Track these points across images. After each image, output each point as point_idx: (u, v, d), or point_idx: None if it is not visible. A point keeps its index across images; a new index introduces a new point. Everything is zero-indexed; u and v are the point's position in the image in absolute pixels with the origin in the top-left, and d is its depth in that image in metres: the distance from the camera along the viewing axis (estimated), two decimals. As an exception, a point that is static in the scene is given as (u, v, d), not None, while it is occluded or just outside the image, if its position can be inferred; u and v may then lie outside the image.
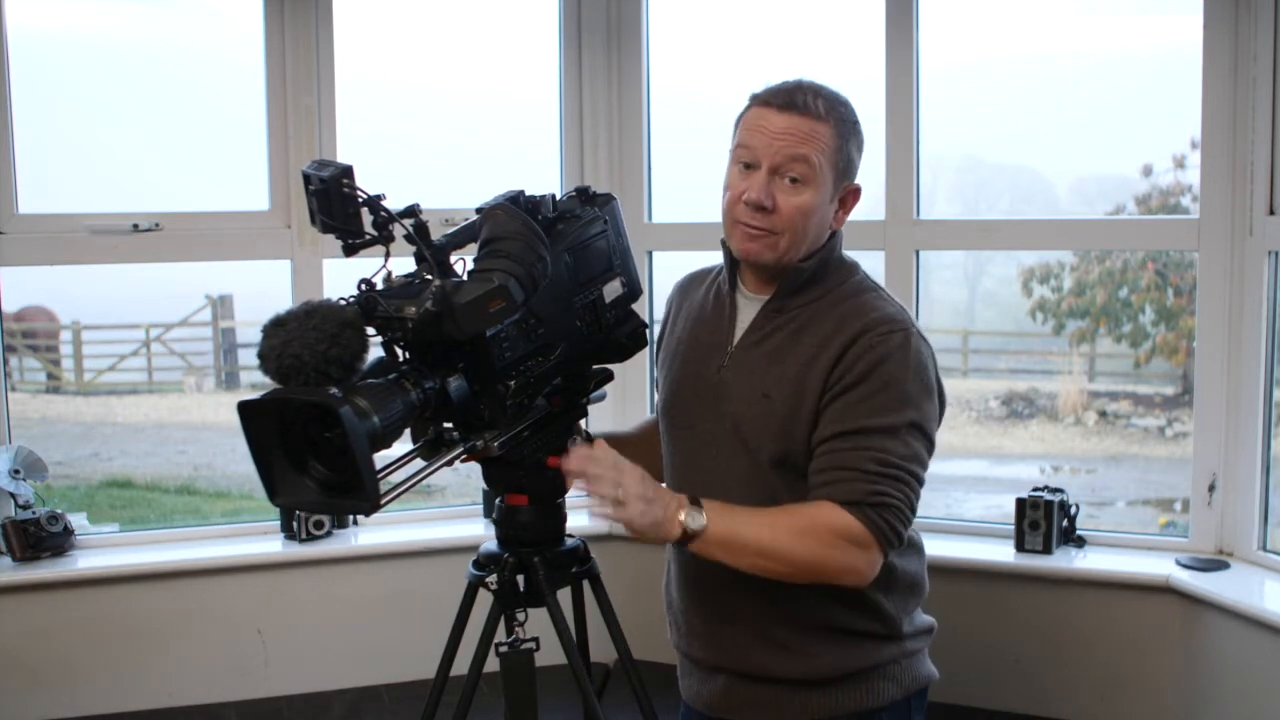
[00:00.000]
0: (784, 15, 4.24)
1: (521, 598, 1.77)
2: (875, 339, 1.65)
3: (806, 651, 1.72)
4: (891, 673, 1.76)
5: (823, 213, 1.70)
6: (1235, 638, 2.53)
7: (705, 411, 1.77)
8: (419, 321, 1.51)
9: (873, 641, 1.74)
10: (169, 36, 6.68)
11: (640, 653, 1.86)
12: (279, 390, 1.47)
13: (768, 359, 1.72)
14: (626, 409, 3.32)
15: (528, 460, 1.71)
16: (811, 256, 1.72)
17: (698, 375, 1.79)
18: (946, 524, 3.11)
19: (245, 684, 3.04)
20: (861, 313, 1.69)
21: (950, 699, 2.87)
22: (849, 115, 1.71)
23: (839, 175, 1.70)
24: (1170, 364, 11.61)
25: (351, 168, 1.49)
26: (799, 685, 1.74)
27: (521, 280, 1.55)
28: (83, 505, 8.48)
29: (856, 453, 1.62)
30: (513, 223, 1.60)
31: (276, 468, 1.49)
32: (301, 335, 1.46)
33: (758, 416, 1.70)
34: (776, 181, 1.66)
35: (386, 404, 1.49)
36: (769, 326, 1.74)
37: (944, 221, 3.10)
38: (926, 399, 1.67)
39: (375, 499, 1.46)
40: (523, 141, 3.81)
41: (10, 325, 6.20)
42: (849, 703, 1.73)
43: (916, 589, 1.80)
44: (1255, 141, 2.66)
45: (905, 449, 1.63)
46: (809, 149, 1.65)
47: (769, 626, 1.73)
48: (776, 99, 1.67)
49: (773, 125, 1.66)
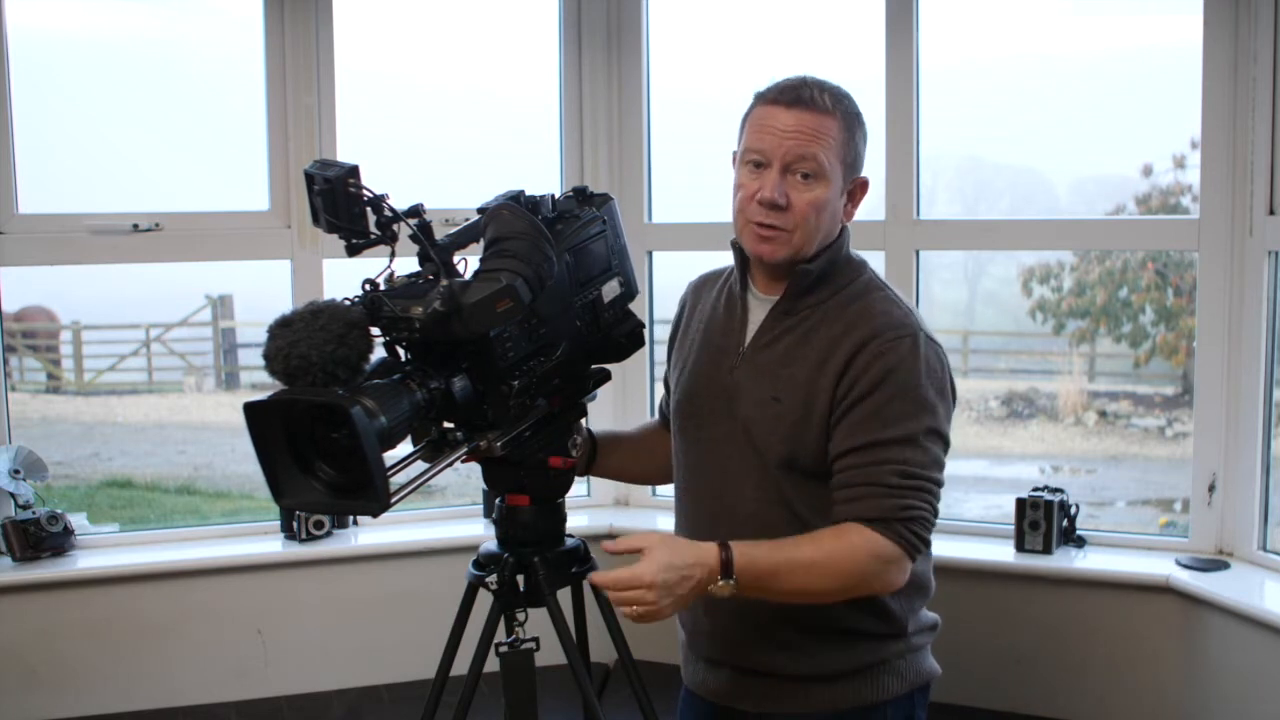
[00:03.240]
0: (784, 15, 4.25)
1: (521, 598, 1.77)
2: (884, 345, 1.66)
3: (811, 651, 1.74)
4: (895, 668, 1.77)
5: (834, 206, 1.71)
6: (1235, 638, 2.53)
7: (717, 413, 1.78)
8: (426, 321, 1.51)
9: (878, 640, 1.76)
10: (169, 36, 6.70)
11: (640, 653, 1.85)
12: (286, 391, 1.46)
13: (778, 362, 1.73)
14: (627, 409, 3.32)
15: (529, 460, 1.72)
16: (820, 254, 1.73)
17: (710, 377, 1.80)
18: (946, 524, 3.08)
19: (245, 684, 3.04)
20: (869, 317, 1.69)
21: (951, 699, 2.87)
22: (853, 108, 1.72)
23: (847, 169, 1.71)
24: (1170, 364, 11.61)
25: (357, 167, 1.49)
26: (803, 680, 1.76)
27: (529, 280, 1.55)
28: (83, 505, 8.48)
29: (877, 467, 1.63)
30: (519, 222, 1.60)
31: (282, 469, 1.48)
32: (309, 336, 1.45)
33: (767, 419, 1.71)
34: (788, 179, 1.67)
35: (393, 404, 1.49)
36: (779, 329, 1.75)
37: (944, 221, 3.10)
38: (940, 402, 1.68)
39: (385, 499, 1.45)
40: (523, 141, 3.81)
41: (10, 325, 6.21)
42: (852, 696, 1.75)
43: (924, 589, 1.82)
44: (1255, 141, 2.66)
45: (924, 456, 1.65)
46: (818, 145, 1.66)
47: (775, 627, 1.74)
48: (783, 96, 1.68)
49: (781, 123, 1.67)
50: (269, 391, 1.49)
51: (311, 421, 1.46)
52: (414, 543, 3.12)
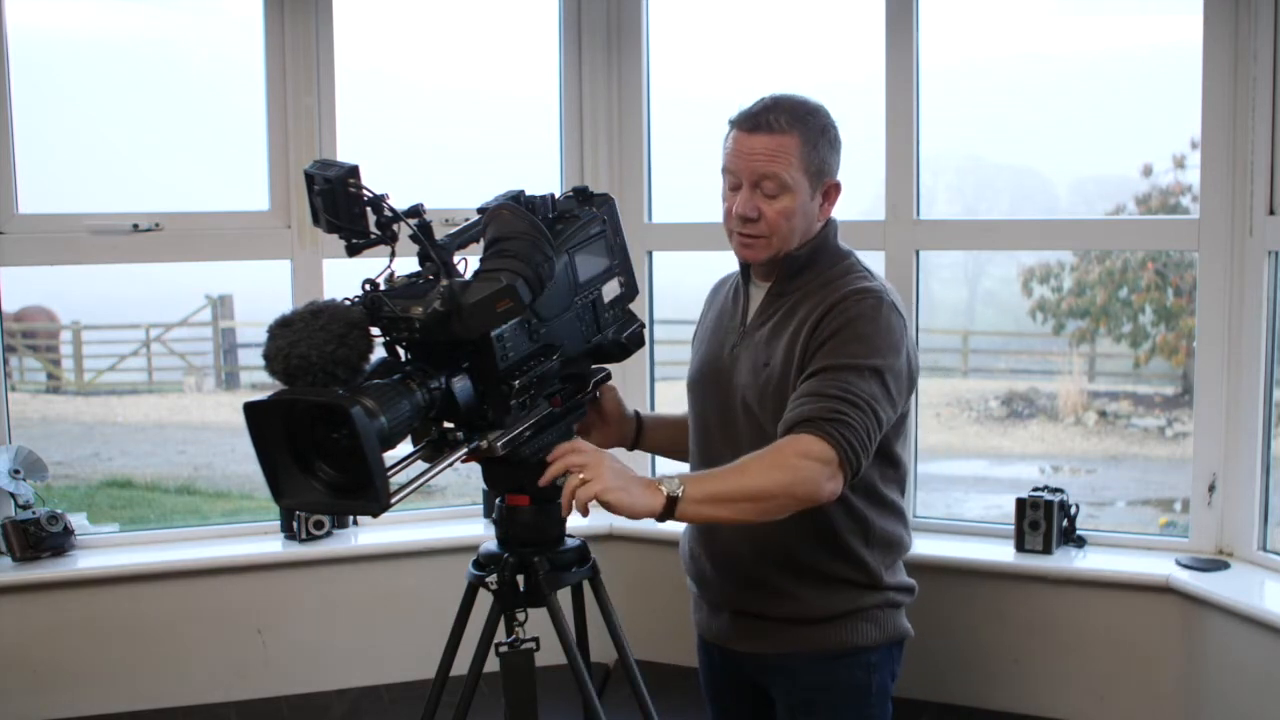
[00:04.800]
0: (784, 16, 4.25)
1: (521, 598, 1.77)
2: (850, 303, 1.85)
3: (794, 595, 1.92)
4: (874, 617, 1.95)
5: (805, 210, 1.90)
6: (1235, 638, 2.53)
7: (720, 386, 1.97)
8: (426, 322, 1.52)
9: (854, 588, 1.93)
10: (169, 36, 6.70)
11: (640, 653, 1.86)
12: (286, 391, 1.46)
13: (768, 334, 1.93)
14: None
15: (530, 461, 1.71)
16: (805, 245, 1.93)
17: (716, 356, 2.01)
18: (946, 524, 3.11)
19: (245, 684, 3.04)
20: (843, 285, 1.89)
21: (950, 699, 2.87)
22: (815, 121, 1.90)
23: (814, 177, 1.90)
24: (1170, 364, 11.62)
25: (357, 168, 1.49)
26: (790, 622, 1.93)
27: (529, 280, 1.56)
28: (83, 505, 8.48)
29: (820, 383, 1.79)
30: (519, 222, 1.61)
31: (282, 469, 1.48)
32: (309, 336, 1.45)
33: (759, 384, 1.90)
34: (757, 194, 1.88)
35: (393, 404, 1.49)
36: (771, 309, 1.95)
37: (944, 221, 3.10)
38: (892, 354, 1.83)
39: (385, 499, 1.46)
40: (523, 141, 3.81)
41: (10, 325, 6.21)
42: (835, 638, 1.93)
43: (895, 547, 1.98)
44: (1255, 141, 2.66)
45: (867, 385, 1.78)
46: (777, 164, 1.86)
47: (763, 573, 1.93)
48: (745, 123, 1.89)
49: (745, 147, 1.88)
50: (269, 392, 1.49)
51: (312, 422, 1.46)
52: (414, 543, 3.12)
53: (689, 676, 2.95)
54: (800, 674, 1.95)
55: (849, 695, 1.95)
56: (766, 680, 2.01)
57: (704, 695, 2.16)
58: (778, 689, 1.99)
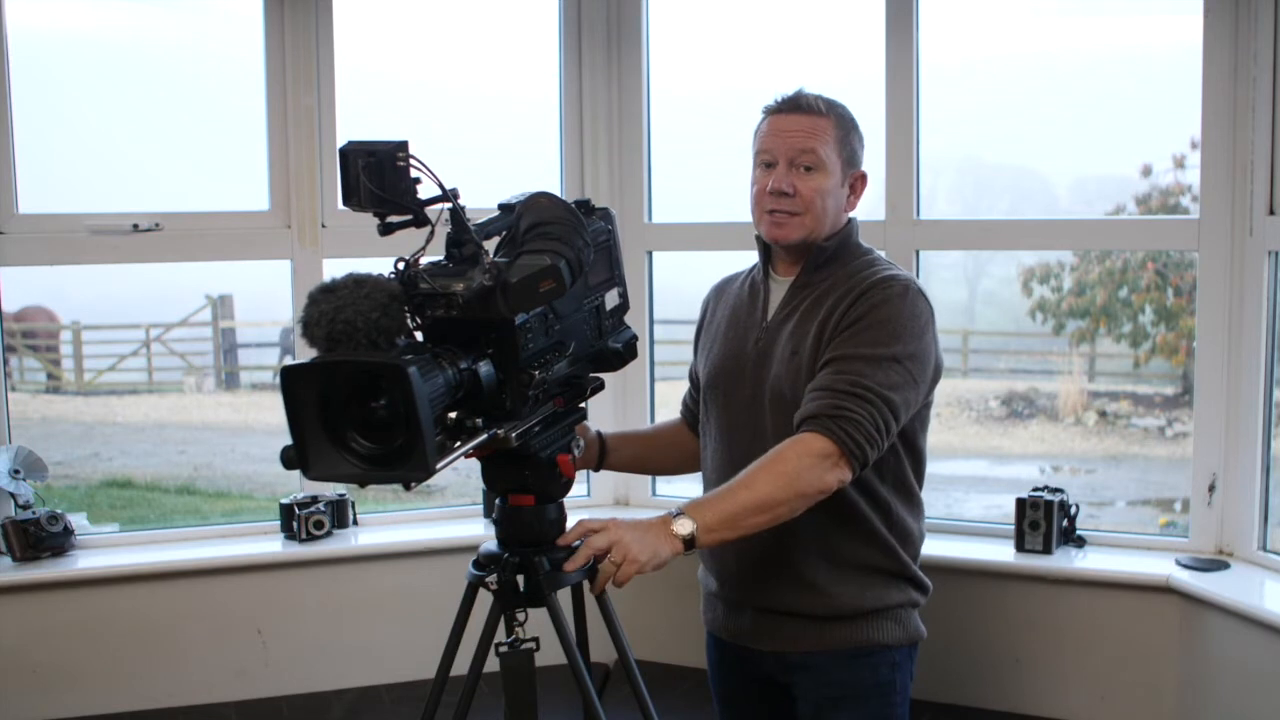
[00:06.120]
0: (784, 16, 4.24)
1: (521, 598, 1.77)
2: (879, 289, 1.88)
3: (829, 590, 1.93)
4: (898, 617, 1.97)
5: (836, 195, 1.95)
6: (1235, 638, 2.53)
7: (745, 380, 1.98)
8: (469, 297, 1.51)
9: (884, 580, 1.95)
10: (169, 36, 6.69)
11: (640, 653, 1.86)
12: (332, 354, 1.44)
13: (796, 324, 1.94)
14: (627, 409, 3.32)
15: (536, 456, 1.72)
16: (832, 238, 1.96)
17: (738, 351, 2.01)
18: (946, 524, 3.11)
19: (245, 684, 3.04)
20: (870, 275, 1.92)
21: (951, 699, 2.87)
22: (847, 113, 1.99)
23: (845, 163, 1.96)
24: (1170, 364, 11.60)
25: (406, 142, 1.49)
26: (816, 619, 1.94)
27: (570, 263, 1.58)
28: (83, 505, 8.49)
29: (834, 376, 1.82)
30: (558, 209, 1.64)
31: (311, 440, 1.45)
32: (354, 303, 1.44)
33: (791, 373, 1.92)
34: (794, 171, 1.92)
35: (434, 375, 1.49)
36: (796, 300, 1.97)
37: (944, 221, 3.10)
38: (916, 340, 1.86)
39: (431, 466, 1.43)
40: (523, 141, 3.81)
41: (10, 325, 6.21)
42: (861, 636, 1.94)
43: (910, 539, 2.00)
44: (1255, 141, 2.66)
45: (883, 376, 1.80)
46: (816, 140, 1.92)
47: (799, 568, 1.93)
48: (784, 105, 1.96)
49: (783, 126, 1.94)
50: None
51: (349, 390, 1.44)
52: (414, 543, 3.12)
53: (689, 676, 2.96)
54: (826, 670, 1.96)
55: (875, 692, 1.97)
56: (790, 678, 2.00)
57: (713, 695, 2.16)
58: (801, 686, 1.99)
